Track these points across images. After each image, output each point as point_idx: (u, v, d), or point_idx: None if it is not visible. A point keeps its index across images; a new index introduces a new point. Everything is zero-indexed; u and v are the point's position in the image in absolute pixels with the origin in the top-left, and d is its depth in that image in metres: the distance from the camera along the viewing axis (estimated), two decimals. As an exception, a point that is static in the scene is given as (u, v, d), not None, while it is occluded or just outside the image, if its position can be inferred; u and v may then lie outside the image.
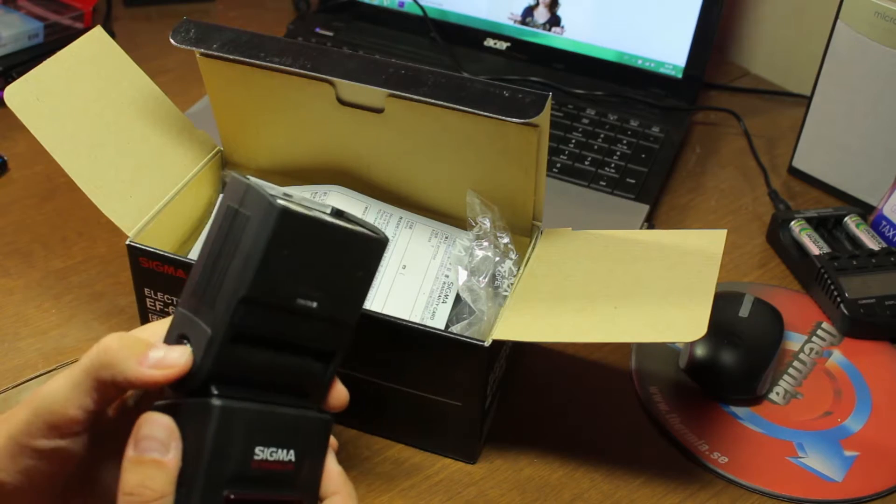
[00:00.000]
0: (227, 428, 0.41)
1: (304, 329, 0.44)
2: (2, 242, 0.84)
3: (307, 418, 0.44)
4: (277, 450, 0.43)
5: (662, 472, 0.68)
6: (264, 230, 0.41)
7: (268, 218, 0.41)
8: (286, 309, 0.43)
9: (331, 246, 0.44)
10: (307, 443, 0.44)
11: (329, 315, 0.45)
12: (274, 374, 0.44)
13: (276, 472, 0.42)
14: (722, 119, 1.04)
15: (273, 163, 0.76)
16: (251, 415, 0.42)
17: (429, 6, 1.08)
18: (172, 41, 0.69)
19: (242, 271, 0.41)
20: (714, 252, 0.65)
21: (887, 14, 0.85)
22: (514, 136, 0.65)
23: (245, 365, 0.43)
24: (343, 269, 0.45)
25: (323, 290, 0.44)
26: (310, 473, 0.44)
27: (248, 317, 0.42)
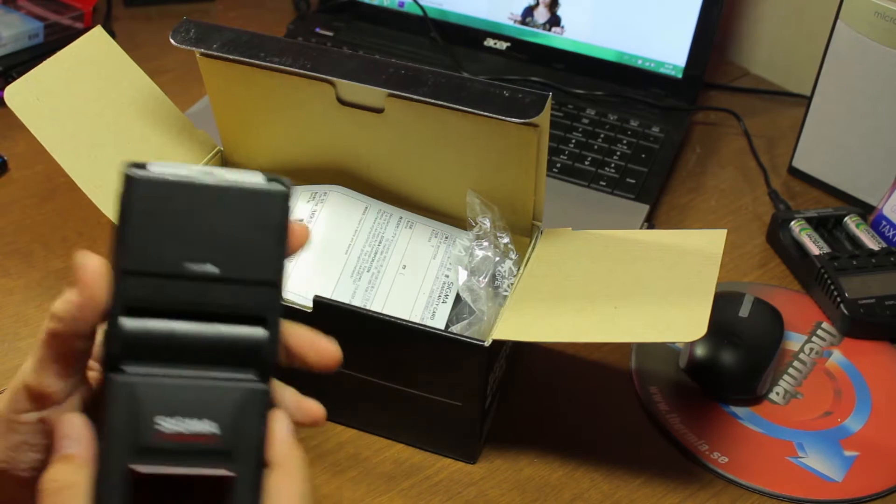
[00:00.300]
0: (124, 402, 0.41)
1: (214, 295, 0.42)
2: (2, 242, 0.84)
3: (233, 388, 0.42)
4: (187, 420, 0.41)
5: (662, 472, 0.68)
6: (121, 200, 0.42)
7: (122, 188, 0.42)
8: (180, 276, 0.42)
9: (210, 206, 0.42)
10: (236, 414, 0.42)
11: (238, 276, 0.42)
12: (199, 347, 0.43)
13: (194, 444, 0.41)
14: (722, 119, 1.04)
15: (273, 163, 0.76)
16: (153, 388, 0.41)
17: (429, 6, 1.08)
18: (172, 41, 0.69)
19: (116, 245, 0.42)
20: (714, 252, 0.65)
21: (887, 14, 0.85)
22: (514, 136, 0.65)
23: (161, 339, 0.42)
24: (237, 228, 0.42)
25: (219, 251, 0.42)
26: (245, 446, 0.42)
27: (138, 289, 0.42)
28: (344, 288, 0.68)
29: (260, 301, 0.43)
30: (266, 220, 0.43)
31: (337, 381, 0.67)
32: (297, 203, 0.45)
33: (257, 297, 0.43)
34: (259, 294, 0.43)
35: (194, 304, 0.42)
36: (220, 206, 0.42)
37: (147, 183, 0.42)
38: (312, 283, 0.67)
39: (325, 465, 0.68)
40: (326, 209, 0.71)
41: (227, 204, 0.42)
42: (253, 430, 0.42)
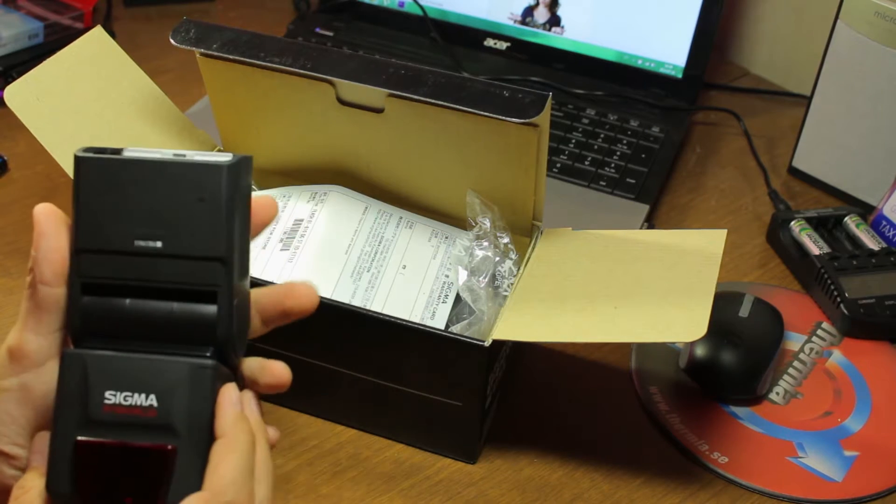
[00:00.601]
0: (72, 374, 0.42)
1: (162, 271, 0.43)
2: (2, 242, 0.84)
3: (175, 363, 0.43)
4: (133, 394, 0.42)
5: (662, 472, 0.68)
6: (74, 181, 0.43)
7: (74, 170, 0.43)
8: (129, 253, 0.43)
9: (158, 183, 0.43)
10: (175, 388, 0.42)
11: (183, 252, 0.43)
12: (152, 324, 0.43)
13: (134, 416, 0.42)
14: (722, 119, 1.04)
15: (273, 163, 0.76)
16: (103, 362, 0.42)
17: (429, 6, 1.08)
18: (172, 41, 0.69)
19: (73, 224, 0.43)
20: (714, 252, 0.65)
21: (887, 14, 0.85)
22: (514, 136, 0.65)
23: (115, 316, 0.43)
24: (179, 203, 0.43)
25: (164, 227, 0.43)
26: (189, 421, 0.42)
27: (91, 267, 0.43)
28: (344, 288, 0.68)
29: (209, 276, 0.43)
30: (211, 194, 0.43)
31: (337, 381, 0.67)
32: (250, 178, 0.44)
33: (205, 272, 0.43)
34: (208, 269, 0.43)
35: (146, 280, 0.43)
36: (167, 182, 0.43)
37: (96, 163, 0.43)
38: (312, 282, 0.67)
39: (325, 465, 0.68)
40: (326, 209, 0.71)
41: (174, 180, 0.43)
42: (197, 405, 0.42)
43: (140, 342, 0.43)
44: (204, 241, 0.43)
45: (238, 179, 0.43)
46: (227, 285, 0.43)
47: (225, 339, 0.43)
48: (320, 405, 0.69)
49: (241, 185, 0.44)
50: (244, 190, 0.44)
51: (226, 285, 0.43)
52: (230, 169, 0.43)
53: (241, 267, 0.44)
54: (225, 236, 0.43)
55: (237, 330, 0.44)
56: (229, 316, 0.43)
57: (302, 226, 0.70)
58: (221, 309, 0.43)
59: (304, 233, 0.70)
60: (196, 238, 0.43)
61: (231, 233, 0.43)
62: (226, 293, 0.43)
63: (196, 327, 0.43)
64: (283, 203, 0.72)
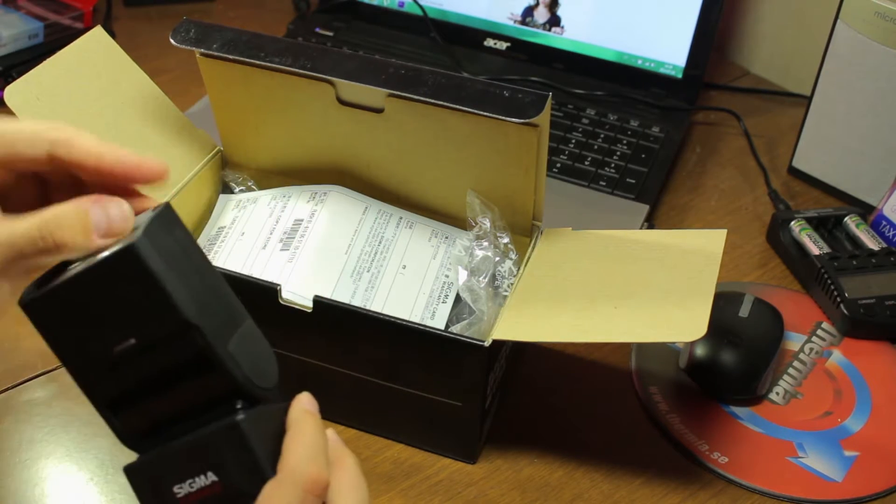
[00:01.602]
0: (142, 485, 0.44)
1: (151, 362, 0.43)
2: (2, 242, 0.84)
3: (209, 434, 0.43)
4: (194, 479, 0.43)
5: (662, 472, 0.68)
6: (35, 326, 0.45)
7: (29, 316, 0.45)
8: (116, 362, 0.43)
9: (90, 293, 0.43)
10: (221, 455, 0.43)
11: (155, 338, 0.43)
12: (175, 408, 0.44)
13: (208, 497, 0.43)
14: (722, 119, 1.04)
15: (273, 163, 0.76)
16: (153, 463, 0.44)
17: (429, 6, 1.08)
18: (172, 41, 0.69)
19: (62, 363, 0.45)
20: (714, 252, 0.65)
21: (887, 14, 0.85)
22: (514, 136, 0.65)
23: (149, 417, 0.44)
24: (124, 297, 0.42)
25: (125, 326, 0.43)
26: (244, 477, 0.43)
27: (99, 390, 0.44)
28: (344, 288, 0.68)
29: (191, 345, 0.43)
30: (137, 277, 0.42)
31: (337, 381, 0.67)
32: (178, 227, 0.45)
33: (185, 343, 0.43)
34: (186, 340, 0.43)
35: (147, 376, 0.43)
36: (99, 289, 0.43)
37: (38, 301, 0.44)
38: (312, 283, 0.67)
39: (325, 465, 0.68)
40: (326, 209, 0.71)
41: (103, 284, 0.43)
42: (246, 459, 0.43)
43: (182, 424, 0.44)
44: (160, 318, 0.42)
45: (159, 244, 0.43)
46: (210, 343, 0.43)
47: (238, 388, 0.44)
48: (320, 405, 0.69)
49: (167, 247, 0.43)
50: (177, 245, 0.44)
51: (209, 342, 0.43)
52: (141, 246, 0.42)
53: (221, 309, 0.44)
54: (179, 305, 0.42)
55: (249, 369, 0.44)
56: (227, 366, 0.43)
57: (302, 226, 0.70)
58: (219, 366, 0.43)
59: (304, 233, 0.70)
60: (156, 320, 0.43)
61: (183, 297, 0.42)
62: (215, 348, 0.43)
63: (211, 389, 0.44)
64: (283, 203, 0.72)
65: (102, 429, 0.69)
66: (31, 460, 0.67)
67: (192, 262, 0.44)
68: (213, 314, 0.43)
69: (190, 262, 0.44)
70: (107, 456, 0.68)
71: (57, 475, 0.67)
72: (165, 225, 0.44)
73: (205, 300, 0.43)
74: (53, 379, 0.73)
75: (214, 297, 0.44)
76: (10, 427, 0.69)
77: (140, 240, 0.42)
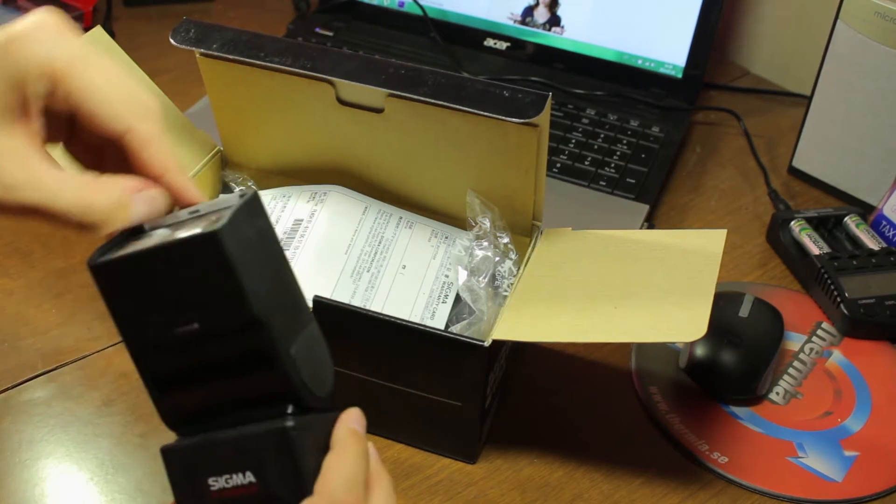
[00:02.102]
0: (176, 470, 0.43)
1: (211, 349, 0.42)
2: (2, 242, 0.84)
3: (258, 433, 0.43)
4: (232, 476, 0.42)
5: (662, 472, 0.68)
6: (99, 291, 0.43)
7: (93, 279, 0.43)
8: (175, 343, 0.42)
9: (163, 270, 0.42)
10: (265, 458, 0.42)
11: (220, 327, 0.42)
12: (225, 400, 0.43)
13: (240, 496, 0.42)
14: (722, 119, 1.04)
15: (273, 163, 0.76)
16: (193, 451, 0.43)
17: (429, 6, 1.08)
18: (172, 41, 0.69)
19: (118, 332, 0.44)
20: (714, 252, 0.65)
21: (887, 14, 0.85)
22: (514, 136, 0.65)
23: (195, 401, 0.44)
24: (197, 281, 0.42)
25: (192, 309, 0.42)
26: (283, 486, 0.42)
27: (151, 364, 0.43)
28: (344, 288, 0.68)
29: (255, 341, 0.42)
30: (215, 266, 0.41)
31: (337, 381, 0.67)
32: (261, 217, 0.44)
33: (250, 338, 0.42)
34: (251, 335, 0.42)
35: (201, 362, 0.43)
36: (171, 267, 0.42)
37: (104, 267, 0.43)
38: (312, 283, 0.67)
39: (325, 465, 0.68)
40: (326, 209, 0.71)
41: (177, 263, 0.42)
42: (288, 466, 0.42)
43: (226, 415, 0.43)
44: (230, 310, 0.42)
45: (241, 234, 0.42)
46: (275, 343, 0.42)
47: (294, 392, 0.43)
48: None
49: (249, 238, 0.42)
50: (258, 237, 0.43)
51: (274, 343, 0.42)
52: (224, 235, 0.41)
53: (285, 309, 0.43)
54: (247, 298, 0.41)
55: (307, 375, 0.43)
56: (287, 370, 0.43)
57: (302, 226, 0.70)
58: (279, 367, 0.43)
59: (303, 233, 0.70)
60: (225, 310, 0.42)
61: (256, 292, 0.42)
62: (279, 350, 0.42)
63: (270, 390, 0.43)
64: (283, 203, 0.72)
65: (102, 429, 0.70)
66: (31, 460, 0.67)
67: (269, 256, 0.43)
68: (282, 312, 0.43)
69: (267, 256, 0.43)
70: (107, 456, 0.68)
71: (57, 475, 0.67)
72: (250, 214, 0.43)
73: (276, 297, 0.43)
74: (53, 379, 0.73)
75: (286, 294, 0.44)
76: (10, 427, 0.69)
77: (225, 228, 0.41)
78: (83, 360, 0.74)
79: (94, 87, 0.43)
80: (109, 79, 0.43)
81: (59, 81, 0.42)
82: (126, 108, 0.44)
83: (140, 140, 0.44)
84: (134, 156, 0.44)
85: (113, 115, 0.43)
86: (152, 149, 0.44)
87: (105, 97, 0.43)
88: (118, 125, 0.44)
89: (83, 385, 0.72)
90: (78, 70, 0.42)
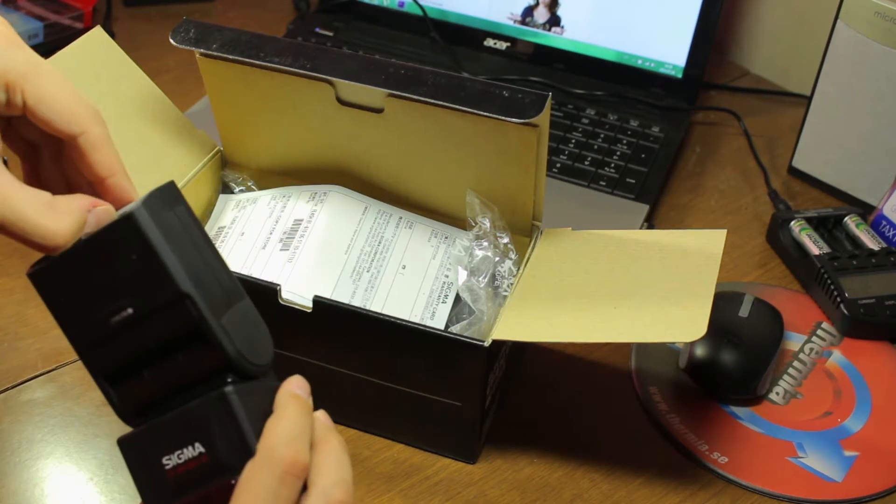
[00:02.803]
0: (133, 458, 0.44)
1: (147, 333, 0.44)
2: (2, 242, 0.84)
3: (198, 406, 0.43)
4: (182, 450, 0.43)
5: (662, 472, 0.68)
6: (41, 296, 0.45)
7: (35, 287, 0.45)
8: (113, 332, 0.44)
9: (91, 262, 0.44)
10: (209, 426, 0.43)
11: (150, 307, 0.44)
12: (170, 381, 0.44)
13: (193, 469, 0.43)
14: (722, 119, 1.04)
15: (273, 163, 0.76)
16: (144, 436, 0.44)
17: (429, 6, 1.08)
18: (172, 41, 0.69)
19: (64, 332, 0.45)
20: (714, 252, 0.65)
21: (887, 14, 0.85)
22: (514, 136, 0.65)
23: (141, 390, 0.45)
24: (123, 265, 0.44)
25: (123, 294, 0.44)
26: (230, 450, 0.43)
27: (97, 361, 0.45)
28: (344, 288, 0.68)
29: (185, 316, 0.43)
30: (135, 247, 0.43)
31: (337, 381, 0.67)
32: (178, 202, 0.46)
33: (182, 314, 0.43)
34: (179, 311, 0.43)
35: (144, 346, 0.44)
36: (96, 260, 0.44)
37: (43, 274, 0.45)
38: (312, 283, 0.67)
39: (325, 465, 0.68)
40: (326, 209, 0.71)
41: (99, 255, 0.44)
42: (234, 431, 0.43)
43: (174, 398, 0.44)
44: (160, 288, 0.43)
45: (158, 216, 0.44)
46: (204, 314, 0.43)
47: (231, 362, 0.44)
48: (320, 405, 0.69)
49: (166, 220, 0.44)
50: (176, 219, 0.44)
51: (203, 314, 0.43)
52: (139, 215, 0.43)
53: (215, 283, 0.45)
54: (174, 274, 0.43)
55: (242, 344, 0.44)
56: (222, 340, 0.44)
57: (302, 226, 0.70)
58: (211, 338, 0.44)
59: (303, 233, 0.70)
60: (152, 289, 0.43)
61: (179, 267, 0.43)
62: (209, 321, 0.43)
63: (204, 363, 0.44)
64: (283, 203, 0.72)
65: (102, 429, 0.70)
66: (31, 460, 0.67)
67: (190, 236, 0.45)
68: (208, 287, 0.44)
69: (188, 237, 0.45)
70: (107, 456, 0.68)
71: (57, 475, 0.67)
72: (166, 200, 0.45)
73: (201, 274, 0.44)
74: (53, 379, 0.73)
75: (211, 272, 0.45)
76: (10, 427, 0.69)
77: (138, 209, 0.43)
78: (83, 360, 0.74)
79: (49, 93, 0.46)
80: (61, 86, 0.46)
81: (13, 90, 0.45)
82: (80, 112, 0.46)
83: (92, 142, 0.47)
84: (85, 156, 0.47)
85: (68, 120, 0.46)
86: (104, 151, 0.47)
87: (60, 103, 0.46)
88: (74, 128, 0.46)
89: (83, 385, 0.72)
90: (32, 77, 0.45)
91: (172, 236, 0.44)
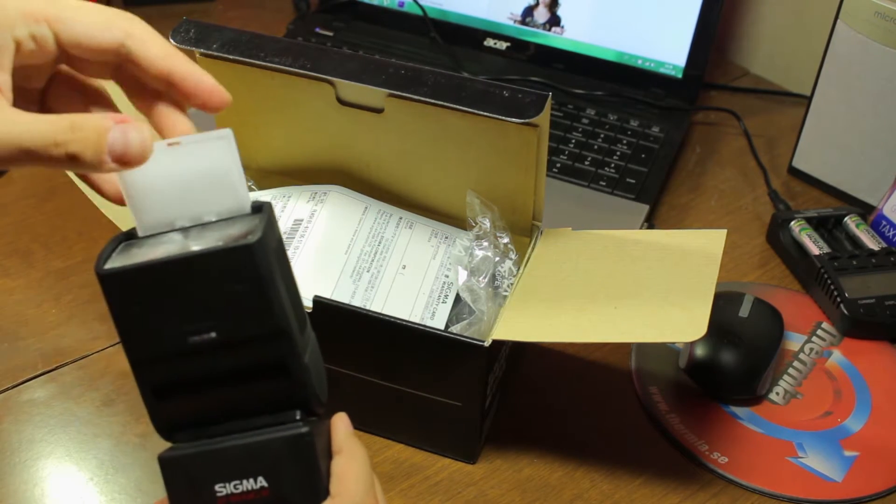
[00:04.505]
0: (176, 479, 0.43)
1: (224, 358, 0.42)
2: (2, 242, 0.84)
3: (271, 439, 0.43)
4: (242, 481, 0.42)
5: (662, 472, 0.68)
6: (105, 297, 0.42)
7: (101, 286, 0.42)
8: (186, 352, 0.42)
9: (184, 279, 0.41)
10: (280, 463, 0.42)
11: (238, 336, 0.42)
12: (230, 407, 0.43)
13: (251, 501, 0.42)
14: (722, 119, 1.04)
15: (273, 163, 0.76)
16: (195, 459, 0.43)
17: (429, 6, 1.08)
18: (172, 41, 0.69)
19: (120, 339, 0.43)
20: (714, 252, 0.65)
21: (887, 14, 0.85)
22: (514, 136, 0.65)
23: (194, 409, 0.43)
24: (222, 290, 0.41)
25: (212, 318, 0.41)
26: (297, 490, 0.43)
27: (153, 374, 0.43)
28: (344, 288, 0.68)
29: (273, 350, 0.42)
30: (244, 276, 0.41)
31: (337, 381, 0.67)
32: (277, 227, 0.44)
33: (268, 347, 0.42)
34: (270, 344, 0.42)
35: (213, 370, 0.42)
36: (192, 276, 0.41)
37: (119, 276, 0.41)
38: (312, 283, 0.67)
39: (325, 465, 0.68)
40: (326, 209, 0.71)
41: (199, 272, 0.41)
42: (305, 472, 0.43)
43: (227, 423, 0.43)
44: (256, 320, 0.42)
45: (269, 247, 0.42)
46: (295, 350, 0.42)
47: (308, 400, 0.43)
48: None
49: (273, 250, 0.42)
50: (277, 245, 0.43)
51: (294, 350, 0.42)
52: (257, 249, 0.41)
53: (298, 320, 0.43)
54: (275, 309, 0.41)
55: (318, 383, 0.44)
56: (304, 377, 0.43)
57: (302, 226, 0.70)
58: (294, 374, 0.43)
59: (303, 233, 0.70)
60: (247, 319, 0.42)
61: (280, 301, 0.42)
62: (294, 357, 0.42)
63: (277, 397, 0.43)
64: (283, 203, 0.72)
65: (102, 429, 0.70)
66: (31, 460, 0.67)
67: (285, 266, 0.43)
68: (297, 321, 0.43)
69: (283, 266, 0.43)
70: (107, 456, 0.68)
71: (57, 475, 0.67)
72: (272, 226, 0.43)
73: (293, 306, 0.43)
74: (53, 379, 0.73)
75: (298, 303, 0.44)
76: (10, 427, 0.69)
77: (259, 241, 0.41)
78: (83, 360, 0.74)
79: (77, 12, 0.44)
80: (84, 4, 0.44)
81: (38, 20, 0.43)
82: (114, 19, 0.45)
83: (141, 38, 0.45)
84: (141, 57, 0.45)
85: (105, 28, 0.44)
86: (157, 41, 0.46)
87: (91, 17, 0.44)
88: (115, 33, 0.44)
89: (83, 385, 0.72)
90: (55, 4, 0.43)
91: (276, 268, 0.42)
